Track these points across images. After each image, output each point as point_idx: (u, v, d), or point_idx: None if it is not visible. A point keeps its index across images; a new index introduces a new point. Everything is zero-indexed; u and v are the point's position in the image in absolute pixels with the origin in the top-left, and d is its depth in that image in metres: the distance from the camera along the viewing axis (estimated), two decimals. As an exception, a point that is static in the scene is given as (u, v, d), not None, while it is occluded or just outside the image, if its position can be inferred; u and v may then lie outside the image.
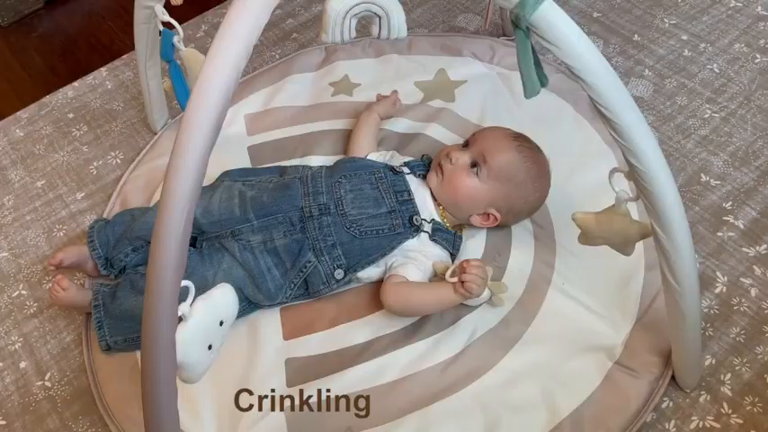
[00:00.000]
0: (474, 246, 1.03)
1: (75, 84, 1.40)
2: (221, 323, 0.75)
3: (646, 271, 0.99)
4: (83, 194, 1.21)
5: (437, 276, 0.97)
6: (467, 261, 0.90)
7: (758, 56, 1.27)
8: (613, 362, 0.90)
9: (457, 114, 1.21)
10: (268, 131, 1.23)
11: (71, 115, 1.34)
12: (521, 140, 1.01)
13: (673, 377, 0.89)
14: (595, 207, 1.07)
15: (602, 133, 1.16)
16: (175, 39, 1.01)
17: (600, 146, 1.15)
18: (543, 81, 0.70)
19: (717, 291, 0.98)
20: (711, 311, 0.96)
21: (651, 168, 0.67)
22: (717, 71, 1.26)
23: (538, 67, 0.69)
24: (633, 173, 0.69)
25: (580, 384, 0.89)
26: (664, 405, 0.88)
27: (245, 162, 1.19)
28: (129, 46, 1.47)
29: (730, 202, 1.07)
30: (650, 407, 0.87)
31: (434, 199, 1.02)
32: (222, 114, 0.59)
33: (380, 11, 0.75)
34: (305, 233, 0.97)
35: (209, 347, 0.73)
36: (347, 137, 1.18)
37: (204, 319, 0.71)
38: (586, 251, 1.00)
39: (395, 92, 1.19)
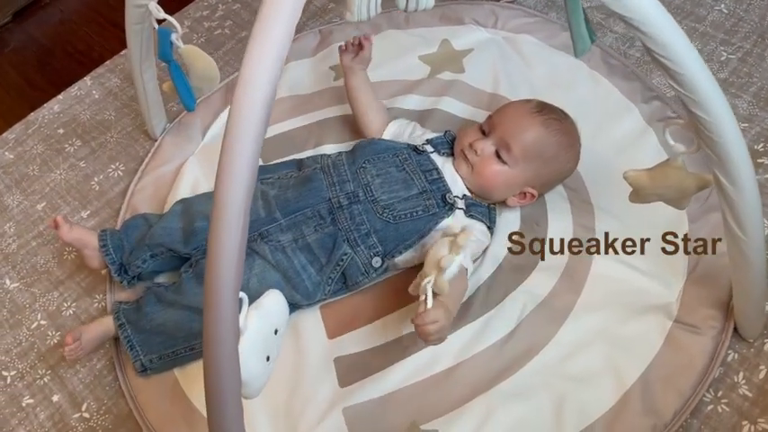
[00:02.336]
0: (510, 217, 1.00)
1: (60, 97, 1.32)
2: (276, 332, 0.72)
3: (690, 223, 0.96)
4: (88, 212, 1.14)
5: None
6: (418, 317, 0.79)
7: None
8: (672, 320, 0.88)
9: (469, 85, 1.17)
10: (274, 124, 1.18)
11: (61, 131, 1.27)
12: (545, 112, 0.95)
13: (734, 328, 0.87)
14: (626, 163, 1.04)
15: (621, 87, 1.13)
16: (173, 36, 0.94)
17: (620, 100, 1.12)
18: (593, 37, 0.66)
19: (763, 235, 0.96)
20: (760, 257, 0.94)
21: (718, 118, 0.64)
22: (726, 11, 1.22)
23: (587, 24, 0.65)
24: (697, 124, 0.66)
25: (642, 348, 0.87)
26: (729, 358, 0.86)
27: (255, 159, 1.13)
28: (110, 50, 1.40)
29: (762, 144, 1.05)
30: (717, 362, 0.84)
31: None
32: (271, 102, 0.53)
33: (408, -19, 0.69)
34: (336, 225, 0.92)
35: (267, 359, 0.69)
36: (358, 121, 1.13)
37: (260, 329, 0.67)
38: (624, 210, 0.97)
39: (362, 37, 1.05)
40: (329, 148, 1.12)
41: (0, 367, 0.99)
